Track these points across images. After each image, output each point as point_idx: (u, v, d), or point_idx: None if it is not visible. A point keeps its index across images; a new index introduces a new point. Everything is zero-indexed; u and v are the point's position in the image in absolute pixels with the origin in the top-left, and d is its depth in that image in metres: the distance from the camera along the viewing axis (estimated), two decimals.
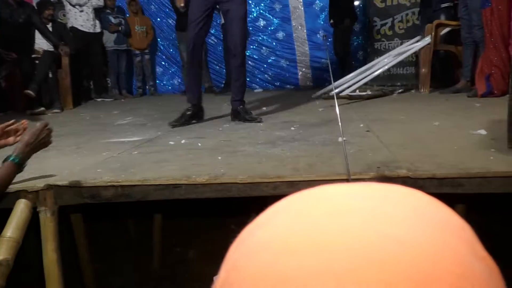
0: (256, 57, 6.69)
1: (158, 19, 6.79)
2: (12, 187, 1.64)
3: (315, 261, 0.23)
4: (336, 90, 4.37)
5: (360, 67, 5.68)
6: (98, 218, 2.85)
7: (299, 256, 0.23)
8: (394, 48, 6.01)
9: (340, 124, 1.35)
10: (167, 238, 3.21)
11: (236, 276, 0.25)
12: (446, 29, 4.51)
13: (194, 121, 3.12)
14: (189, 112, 3.09)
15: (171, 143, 2.39)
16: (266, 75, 6.77)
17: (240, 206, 3.03)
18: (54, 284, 1.67)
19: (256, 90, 6.30)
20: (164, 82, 6.96)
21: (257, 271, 0.24)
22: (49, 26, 4.94)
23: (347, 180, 1.42)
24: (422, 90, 4.49)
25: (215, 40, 6.71)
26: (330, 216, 0.25)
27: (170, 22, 6.73)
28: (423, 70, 4.50)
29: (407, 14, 6.18)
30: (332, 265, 0.22)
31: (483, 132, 2.12)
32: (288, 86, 6.64)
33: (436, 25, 4.40)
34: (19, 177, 1.77)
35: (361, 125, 2.67)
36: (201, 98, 3.23)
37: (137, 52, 6.36)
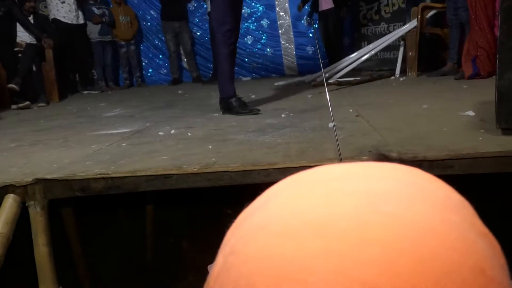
0: (242, 46, 6.64)
1: (141, 12, 6.67)
2: (0, 182, 1.61)
3: (315, 242, 0.22)
4: (326, 75, 4.37)
5: (347, 52, 5.68)
6: (89, 211, 2.83)
7: (298, 237, 0.22)
8: (381, 32, 6.01)
9: (330, 109, 1.34)
10: (160, 229, 3.21)
11: (234, 260, 0.24)
12: (432, 12, 4.51)
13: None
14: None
15: (161, 133, 2.36)
16: (252, 64, 6.72)
17: (232, 194, 3.04)
18: (46, 278, 1.65)
19: (244, 79, 6.26)
20: (151, 73, 6.88)
21: (256, 254, 0.23)
22: (31, 18, 4.83)
23: None
24: (409, 73, 4.51)
25: (202, 30, 6.64)
26: (328, 197, 0.25)
27: (153, 13, 6.63)
28: (410, 53, 4.51)
29: None
30: (332, 246, 0.22)
31: (471, 113, 2.14)
32: (274, 75, 6.60)
33: (422, 7, 4.40)
34: (6, 172, 1.74)
35: (351, 110, 2.67)
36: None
37: (123, 43, 6.26)
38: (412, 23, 4.43)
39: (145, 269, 3.03)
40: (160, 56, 6.83)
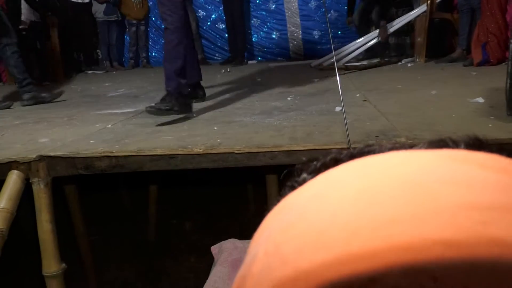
0: (248, 29, 6.55)
1: None
2: (4, 159, 1.61)
3: (394, 260, 0.18)
4: (332, 60, 4.32)
5: (354, 37, 5.58)
6: (92, 190, 2.83)
7: (362, 243, 0.18)
8: (389, 17, 5.91)
9: (340, 93, 1.32)
10: (163, 210, 3.22)
11: (281, 269, 0.20)
12: None
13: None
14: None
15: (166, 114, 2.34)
16: (258, 47, 6.64)
17: (235, 176, 3.03)
18: (49, 254, 1.66)
19: (250, 62, 6.20)
20: (156, 54, 6.82)
21: (317, 272, 0.19)
22: None
23: (348, 149, 1.40)
24: (417, 59, 4.44)
25: (207, 11, 6.55)
26: (396, 190, 0.20)
27: None
28: (419, 39, 4.44)
29: None
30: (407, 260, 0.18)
31: (480, 100, 2.10)
32: (279, 58, 6.53)
33: None
34: (10, 148, 1.74)
35: (358, 95, 2.64)
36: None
37: (134, 21, 6.20)
38: (422, 8, 4.35)
39: (147, 249, 3.05)
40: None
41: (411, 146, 0.28)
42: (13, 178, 1.59)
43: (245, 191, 3.35)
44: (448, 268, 0.17)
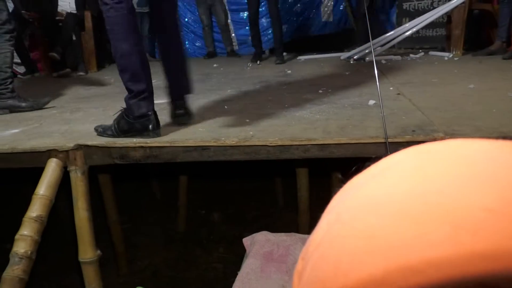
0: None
1: None
2: (43, 147, 1.66)
3: (440, 230, 0.18)
4: (366, 51, 4.25)
5: (385, 29, 5.47)
6: (124, 179, 2.89)
7: (420, 222, 0.19)
8: (424, 8, 5.74)
9: (378, 86, 1.29)
10: (192, 199, 3.26)
11: (340, 231, 0.22)
12: None
13: None
14: None
15: (197, 105, 2.36)
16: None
17: (264, 168, 3.03)
18: (85, 241, 1.70)
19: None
20: (186, 46, 6.87)
21: (366, 232, 0.20)
22: None
23: (384, 144, 1.38)
24: (454, 52, 4.30)
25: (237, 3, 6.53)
26: (462, 179, 0.20)
27: None
28: (456, 31, 4.29)
29: None
30: (462, 237, 0.18)
31: None
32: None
33: None
34: (49, 137, 1.79)
35: (391, 88, 2.58)
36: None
37: None
38: None
39: (176, 239, 3.10)
40: (195, 29, 6.80)
41: None
42: (52, 166, 1.64)
43: (273, 183, 3.35)
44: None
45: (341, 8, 6.55)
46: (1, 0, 2.33)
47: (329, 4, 6.54)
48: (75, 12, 4.80)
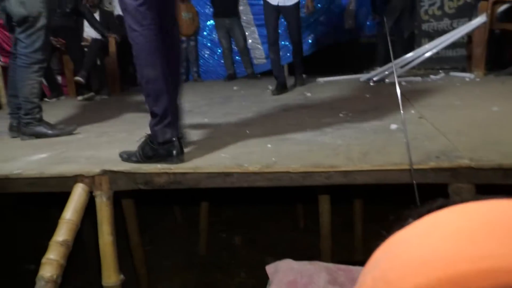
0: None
1: (198, 7, 6.78)
2: (70, 172, 1.70)
3: None
4: (386, 73, 4.24)
5: (405, 50, 5.46)
6: (146, 203, 2.92)
7: None
8: (443, 29, 5.73)
9: (402, 111, 1.29)
10: (212, 222, 3.26)
11: None
12: (504, 6, 4.22)
13: None
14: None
15: (219, 129, 2.39)
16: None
17: (285, 194, 3.03)
18: (109, 265, 1.72)
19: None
20: (206, 68, 6.99)
21: None
22: (96, 15, 5.05)
23: (408, 171, 1.36)
24: (475, 72, 4.25)
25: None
26: (507, 241, 0.22)
27: (207, 11, 6.73)
28: (478, 51, 4.25)
29: None
30: None
31: None
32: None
33: (493, 2, 4.13)
34: (76, 162, 1.83)
35: (413, 112, 2.56)
36: None
37: (184, 38, 6.40)
38: (481, 19, 4.18)
39: (197, 262, 3.09)
40: (216, 52, 6.92)
41: None
42: (78, 191, 1.68)
43: (294, 207, 3.34)
44: None
45: (364, 14, 6.59)
46: (39, 29, 2.40)
47: (351, 8, 6.58)
48: (99, 38, 4.95)
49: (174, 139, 1.71)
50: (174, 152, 1.69)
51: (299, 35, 4.16)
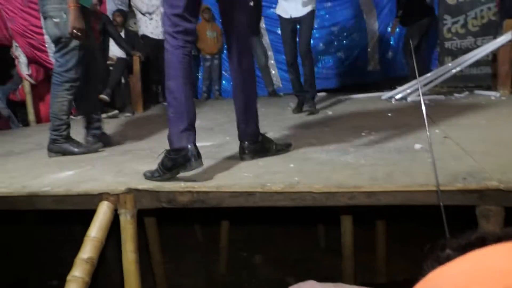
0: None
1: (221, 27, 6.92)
2: (96, 190, 1.73)
3: None
4: (408, 91, 4.21)
5: (429, 68, 5.42)
6: (168, 221, 2.94)
7: None
8: (467, 47, 5.67)
9: (427, 131, 1.28)
10: (233, 241, 3.25)
11: None
12: None
13: None
14: None
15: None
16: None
17: (306, 213, 3.01)
18: (132, 284, 1.73)
19: (319, 94, 6.20)
20: (228, 86, 7.07)
21: None
22: (122, 34, 5.20)
23: (435, 192, 1.34)
24: (501, 91, 4.18)
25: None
26: None
27: None
28: (503, 69, 4.19)
29: (481, 10, 5.80)
30: None
31: None
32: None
33: None
34: (101, 180, 1.87)
35: (437, 131, 2.52)
36: None
37: (208, 57, 6.51)
38: (506, 37, 4.13)
39: (217, 280, 3.08)
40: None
41: None
42: (104, 209, 1.70)
43: (315, 226, 3.30)
44: None
45: (389, 58, 6.54)
46: (72, 49, 2.48)
47: (375, 52, 6.57)
48: (124, 57, 5.08)
49: (189, 145, 1.77)
50: (191, 157, 1.74)
51: (307, 44, 3.86)
